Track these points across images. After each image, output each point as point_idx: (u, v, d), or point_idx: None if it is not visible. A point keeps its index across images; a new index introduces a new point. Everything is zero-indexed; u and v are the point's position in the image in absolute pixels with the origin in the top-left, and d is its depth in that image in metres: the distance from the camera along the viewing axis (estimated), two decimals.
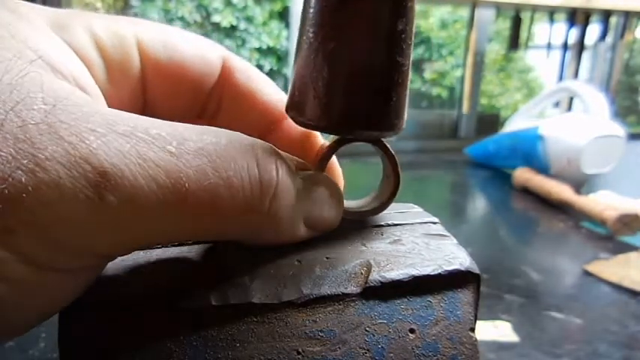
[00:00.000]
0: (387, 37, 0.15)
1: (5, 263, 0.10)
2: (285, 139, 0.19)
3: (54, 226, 0.10)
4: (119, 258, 0.15)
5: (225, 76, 0.18)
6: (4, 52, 0.11)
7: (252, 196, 0.13)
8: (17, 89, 0.11)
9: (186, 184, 0.12)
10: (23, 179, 0.10)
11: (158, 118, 0.18)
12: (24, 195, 0.10)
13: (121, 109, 0.16)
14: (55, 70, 0.12)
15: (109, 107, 0.14)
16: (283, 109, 0.18)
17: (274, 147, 0.15)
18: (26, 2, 0.13)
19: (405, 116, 0.16)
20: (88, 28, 0.15)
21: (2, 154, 0.10)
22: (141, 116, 0.12)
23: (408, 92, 0.16)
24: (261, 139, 0.19)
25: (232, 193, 0.12)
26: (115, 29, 0.15)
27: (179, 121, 0.19)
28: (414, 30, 0.15)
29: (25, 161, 0.10)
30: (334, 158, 0.19)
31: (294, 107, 0.16)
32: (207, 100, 0.18)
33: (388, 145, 0.18)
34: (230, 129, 0.20)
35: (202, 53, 0.17)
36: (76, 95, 0.12)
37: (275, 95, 0.19)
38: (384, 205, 0.18)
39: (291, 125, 0.18)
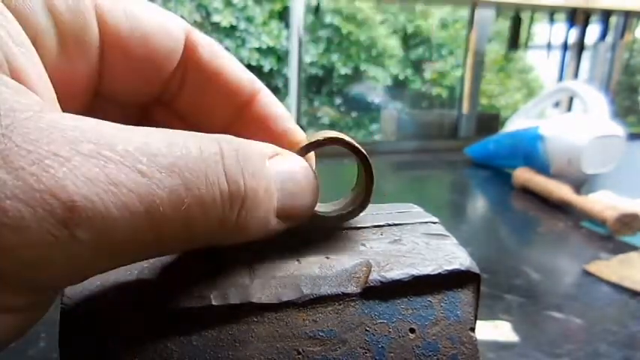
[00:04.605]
0: None
1: None
2: (256, 122, 0.18)
3: (17, 271, 0.10)
4: None
5: (189, 52, 0.16)
6: None
7: (224, 212, 0.12)
8: None
9: (160, 208, 0.11)
10: None
11: (115, 97, 0.16)
12: None
13: (75, 87, 0.15)
14: None
15: (62, 91, 0.12)
16: (252, 89, 0.17)
17: (240, 141, 0.13)
18: None
19: None
20: None
21: None
22: (102, 122, 0.11)
23: None
24: (229, 124, 0.18)
25: (205, 211, 0.12)
26: None
27: (138, 102, 0.17)
28: None
29: None
30: None
31: None
32: (170, 79, 0.16)
33: (358, 145, 0.16)
34: (194, 113, 0.18)
35: (166, 26, 0.15)
36: (28, 102, 0.10)
37: (243, 74, 0.17)
38: (360, 208, 0.17)
39: (262, 106, 0.17)
